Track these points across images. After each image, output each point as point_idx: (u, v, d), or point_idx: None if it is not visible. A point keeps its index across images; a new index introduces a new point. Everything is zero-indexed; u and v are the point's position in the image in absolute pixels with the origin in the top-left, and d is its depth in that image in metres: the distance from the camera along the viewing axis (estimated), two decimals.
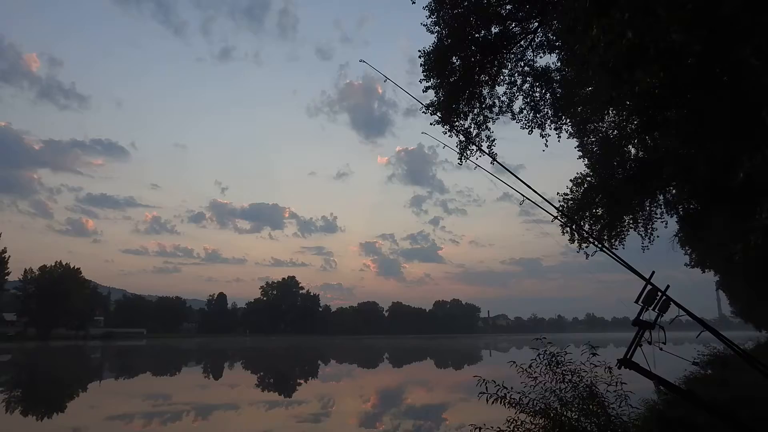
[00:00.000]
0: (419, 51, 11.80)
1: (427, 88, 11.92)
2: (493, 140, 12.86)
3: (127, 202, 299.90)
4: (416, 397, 22.92)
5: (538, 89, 12.72)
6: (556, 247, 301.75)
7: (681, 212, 13.22)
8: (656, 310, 3.32)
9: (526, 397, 6.94)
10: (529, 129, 13.07)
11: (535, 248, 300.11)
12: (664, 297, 3.32)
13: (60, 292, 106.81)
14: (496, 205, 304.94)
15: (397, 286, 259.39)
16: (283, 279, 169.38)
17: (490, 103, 12.63)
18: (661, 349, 3.28)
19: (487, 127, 12.74)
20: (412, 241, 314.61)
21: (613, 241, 12.99)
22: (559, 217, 10.71)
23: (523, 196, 4.24)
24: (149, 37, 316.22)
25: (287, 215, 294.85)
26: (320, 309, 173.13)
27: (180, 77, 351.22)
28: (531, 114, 12.92)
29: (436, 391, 25.41)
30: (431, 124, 12.24)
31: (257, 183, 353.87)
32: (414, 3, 11.13)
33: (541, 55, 12.24)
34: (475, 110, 12.58)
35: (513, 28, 11.80)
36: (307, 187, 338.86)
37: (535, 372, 7.27)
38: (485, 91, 12.52)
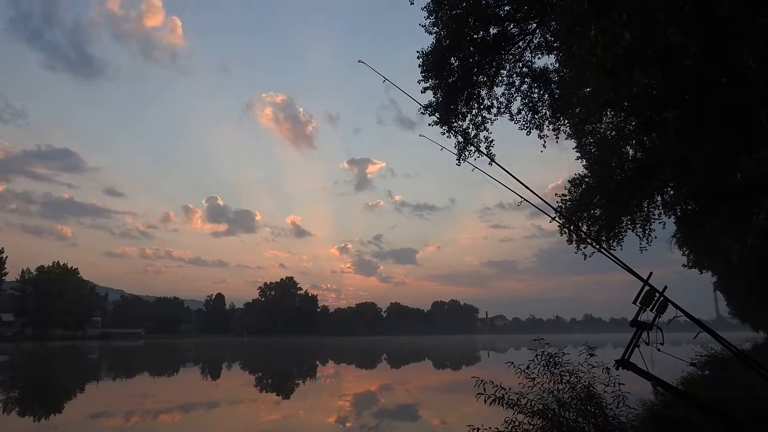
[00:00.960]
0: (417, 52, 11.81)
1: (425, 89, 11.91)
2: (492, 141, 12.87)
3: (94, 208, 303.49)
4: (415, 397, 22.92)
5: (536, 90, 12.72)
6: (529, 249, 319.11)
7: (679, 213, 13.23)
8: (654, 311, 3.33)
9: (524, 397, 6.94)
10: (528, 130, 13.09)
11: (507, 250, 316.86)
12: (661, 298, 3.32)
13: (57, 292, 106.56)
14: (449, 210, 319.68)
15: (385, 287, 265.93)
16: (282, 280, 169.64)
17: (489, 104, 12.64)
18: (658, 350, 3.28)
19: (485, 128, 12.75)
20: (383, 244, 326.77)
21: (611, 242, 13.00)
22: (557, 218, 10.71)
23: (522, 198, 4.23)
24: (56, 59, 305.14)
25: (257, 220, 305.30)
26: (318, 310, 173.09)
27: (97, 92, 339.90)
28: (529, 115, 12.94)
29: (435, 392, 25.41)
30: (430, 124, 12.24)
31: (215, 189, 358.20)
32: (412, 4, 11.13)
33: (540, 56, 12.26)
34: (474, 111, 12.58)
35: (511, 29, 11.80)
36: (262, 195, 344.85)
37: (533, 373, 7.27)
38: (483, 92, 12.52)
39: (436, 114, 11.99)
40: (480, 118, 12.65)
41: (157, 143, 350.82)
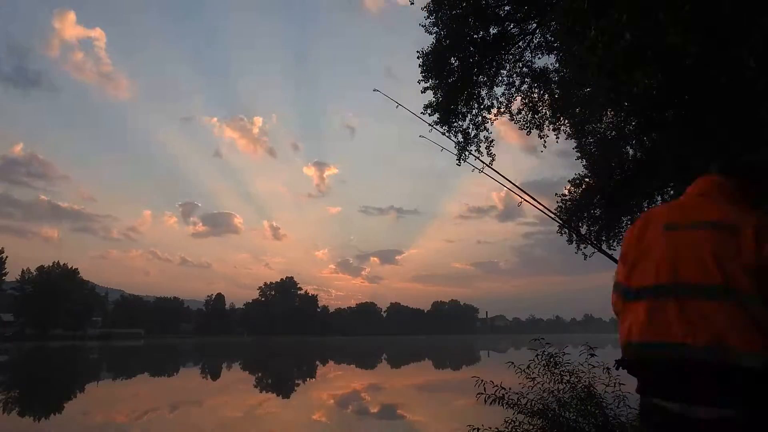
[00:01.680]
0: (418, 52, 11.81)
1: (425, 89, 11.91)
2: (492, 141, 12.86)
3: (73, 211, 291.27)
4: (414, 397, 22.95)
5: (536, 90, 12.73)
6: (511, 250, 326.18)
7: None
8: None
9: (524, 397, 6.94)
10: (528, 130, 13.09)
11: (488, 251, 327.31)
12: None
13: (58, 292, 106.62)
14: (419, 213, 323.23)
15: (375, 287, 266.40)
16: (282, 279, 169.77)
17: (489, 104, 12.63)
18: None
19: (485, 128, 12.75)
20: (363, 245, 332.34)
21: (611, 242, 13.00)
22: (557, 218, 10.70)
23: (522, 198, 4.24)
24: None
25: (236, 223, 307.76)
26: (318, 310, 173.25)
27: (42, 104, 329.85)
28: (529, 115, 12.95)
29: (436, 392, 25.44)
30: (430, 125, 12.22)
31: (187, 195, 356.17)
32: (412, 3, 11.15)
33: (540, 56, 12.24)
34: (474, 111, 12.57)
35: (511, 29, 11.80)
36: (234, 200, 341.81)
37: (533, 373, 7.26)
38: (484, 92, 12.52)
39: (437, 114, 11.99)
40: (480, 118, 12.64)
41: (120, 151, 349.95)
